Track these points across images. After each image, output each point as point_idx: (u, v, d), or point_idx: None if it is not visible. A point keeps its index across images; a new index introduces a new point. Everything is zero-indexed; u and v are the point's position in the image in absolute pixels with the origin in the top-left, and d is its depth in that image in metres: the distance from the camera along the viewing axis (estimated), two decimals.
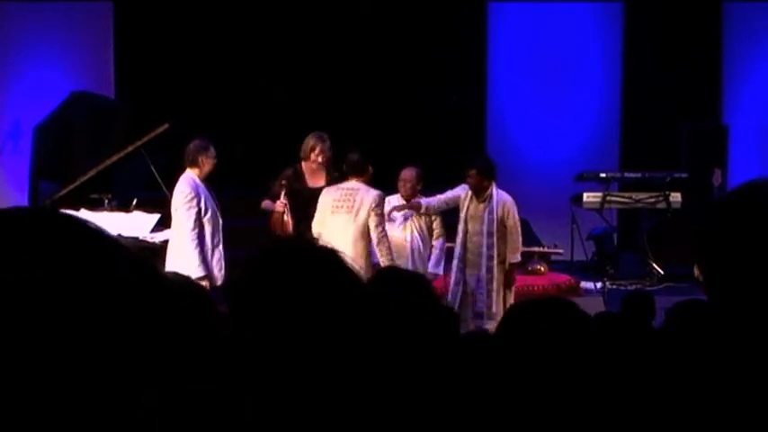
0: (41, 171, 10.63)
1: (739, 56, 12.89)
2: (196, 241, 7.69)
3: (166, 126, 8.60)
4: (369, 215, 7.74)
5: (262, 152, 11.18)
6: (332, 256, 1.90)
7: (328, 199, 7.88)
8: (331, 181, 8.42)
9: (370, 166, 8.06)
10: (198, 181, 7.82)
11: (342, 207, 7.82)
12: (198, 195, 7.76)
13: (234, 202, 10.91)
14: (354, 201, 7.79)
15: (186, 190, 7.77)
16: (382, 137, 12.44)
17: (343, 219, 7.77)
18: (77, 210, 8.58)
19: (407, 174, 8.60)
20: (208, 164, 7.90)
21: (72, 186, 8.78)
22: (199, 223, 7.77)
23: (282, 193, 8.38)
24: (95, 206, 8.74)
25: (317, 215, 7.95)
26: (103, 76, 11.99)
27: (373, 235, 7.74)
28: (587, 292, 10.60)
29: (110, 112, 11.20)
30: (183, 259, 7.61)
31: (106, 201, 8.84)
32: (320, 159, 8.47)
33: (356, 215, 7.75)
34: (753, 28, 12.71)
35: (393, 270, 4.22)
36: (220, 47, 12.37)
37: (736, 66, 12.95)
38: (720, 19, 12.95)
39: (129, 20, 12.17)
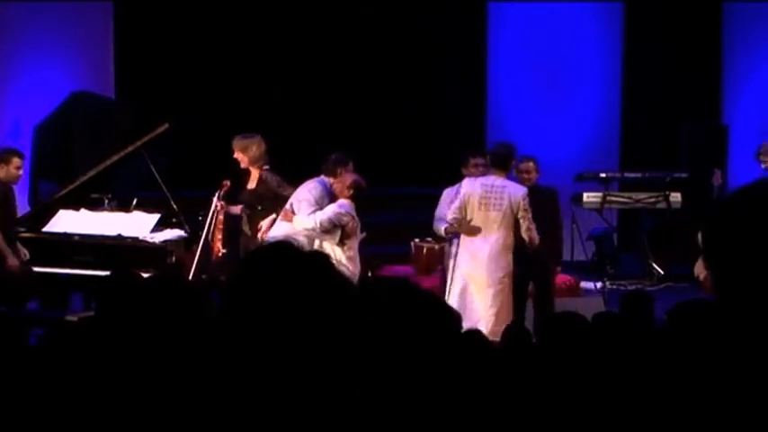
0: (41, 171, 10.62)
1: (739, 56, 12.88)
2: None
3: (166, 126, 8.60)
4: (518, 211, 7.96)
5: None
6: (320, 258, 1.90)
7: (474, 195, 8.02)
8: (260, 180, 8.52)
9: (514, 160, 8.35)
10: (330, 189, 8.09)
11: (489, 204, 8.00)
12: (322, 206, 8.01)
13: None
14: (503, 199, 7.98)
15: (317, 194, 7.98)
16: (382, 137, 12.43)
17: (492, 216, 7.97)
18: (77, 210, 8.59)
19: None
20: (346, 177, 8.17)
21: (72, 186, 8.76)
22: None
23: (219, 194, 8.47)
24: (95, 206, 8.73)
25: (463, 209, 8.08)
26: (103, 76, 11.96)
27: (523, 226, 7.99)
28: (587, 292, 10.59)
29: (110, 112, 11.20)
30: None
31: (106, 201, 8.83)
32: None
33: (505, 213, 7.95)
34: (753, 28, 12.69)
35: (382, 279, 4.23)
36: (220, 46, 12.36)
37: (736, 66, 12.93)
38: (720, 19, 12.94)
39: (129, 20, 12.15)
